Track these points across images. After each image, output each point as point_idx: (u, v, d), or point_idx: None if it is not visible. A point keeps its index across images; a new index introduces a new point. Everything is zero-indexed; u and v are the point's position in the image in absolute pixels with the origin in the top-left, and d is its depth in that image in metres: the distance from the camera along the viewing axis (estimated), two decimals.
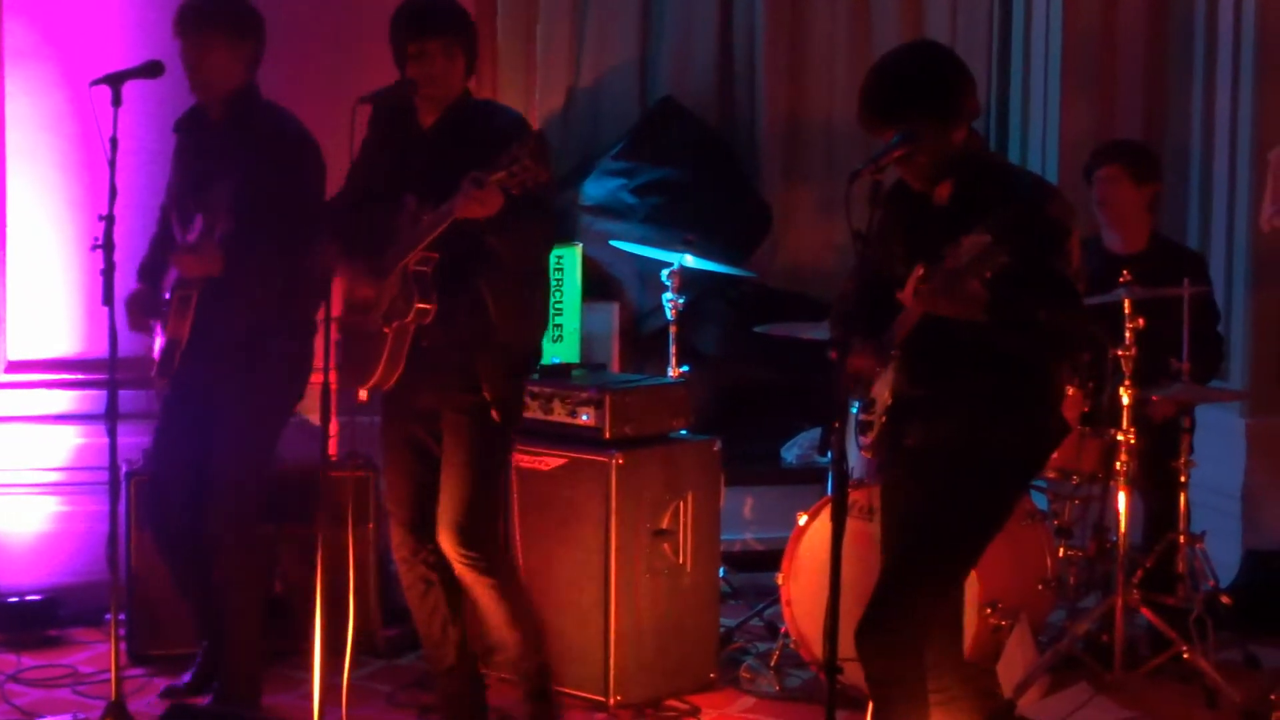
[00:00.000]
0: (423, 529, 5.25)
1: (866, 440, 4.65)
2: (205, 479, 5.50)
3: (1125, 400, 5.98)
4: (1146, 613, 6.08)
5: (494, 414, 5.12)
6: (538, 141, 4.73)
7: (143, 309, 5.57)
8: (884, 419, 4.54)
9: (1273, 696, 5.49)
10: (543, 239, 5.20)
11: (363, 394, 5.27)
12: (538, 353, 5.40)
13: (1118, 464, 6.03)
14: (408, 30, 5.13)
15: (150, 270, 5.68)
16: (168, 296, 5.46)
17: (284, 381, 5.52)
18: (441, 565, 5.26)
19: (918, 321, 4.39)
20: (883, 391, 4.55)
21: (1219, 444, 7.44)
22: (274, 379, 5.48)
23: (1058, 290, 4.34)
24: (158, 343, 5.49)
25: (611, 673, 5.75)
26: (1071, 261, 4.41)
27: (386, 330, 5.08)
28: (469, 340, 5.09)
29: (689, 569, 5.98)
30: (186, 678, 5.84)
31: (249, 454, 5.56)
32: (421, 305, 5.01)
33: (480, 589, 5.22)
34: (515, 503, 5.93)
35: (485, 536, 5.22)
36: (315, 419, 5.00)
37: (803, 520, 6.01)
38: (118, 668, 5.28)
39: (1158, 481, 6.34)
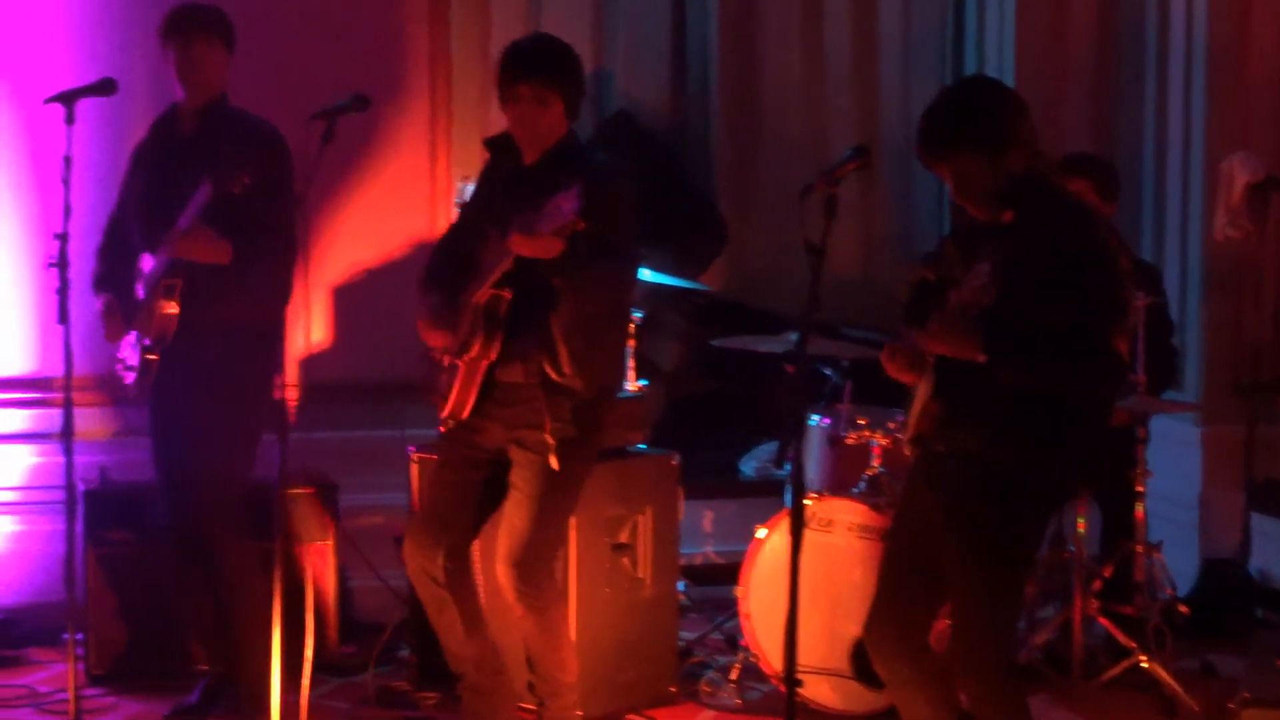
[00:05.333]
0: (447, 546, 5.19)
1: (904, 438, 4.71)
2: (194, 474, 5.44)
3: None
4: (1104, 622, 6.11)
5: (551, 459, 5.07)
6: (580, 195, 4.60)
7: (121, 318, 5.52)
8: (917, 420, 4.58)
9: (1230, 705, 5.51)
10: (613, 284, 5.12)
11: (441, 417, 5.28)
12: (613, 396, 5.34)
13: None
14: (501, 72, 5.17)
15: (107, 281, 5.62)
16: (143, 296, 5.43)
17: (264, 377, 5.35)
18: (454, 583, 5.20)
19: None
20: (920, 394, 4.59)
21: (1175, 454, 7.47)
22: (260, 373, 5.32)
23: (1065, 342, 4.26)
24: (133, 351, 5.45)
25: None
26: (1109, 311, 4.31)
27: (459, 363, 5.11)
28: (541, 379, 5.05)
29: (648, 583, 5.98)
30: (193, 698, 5.75)
31: (240, 447, 5.52)
32: (484, 342, 5.02)
33: (527, 622, 5.18)
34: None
35: (542, 574, 5.17)
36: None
37: (761, 533, 6.01)
38: (76, 687, 5.24)
39: (1114, 492, 6.38)
